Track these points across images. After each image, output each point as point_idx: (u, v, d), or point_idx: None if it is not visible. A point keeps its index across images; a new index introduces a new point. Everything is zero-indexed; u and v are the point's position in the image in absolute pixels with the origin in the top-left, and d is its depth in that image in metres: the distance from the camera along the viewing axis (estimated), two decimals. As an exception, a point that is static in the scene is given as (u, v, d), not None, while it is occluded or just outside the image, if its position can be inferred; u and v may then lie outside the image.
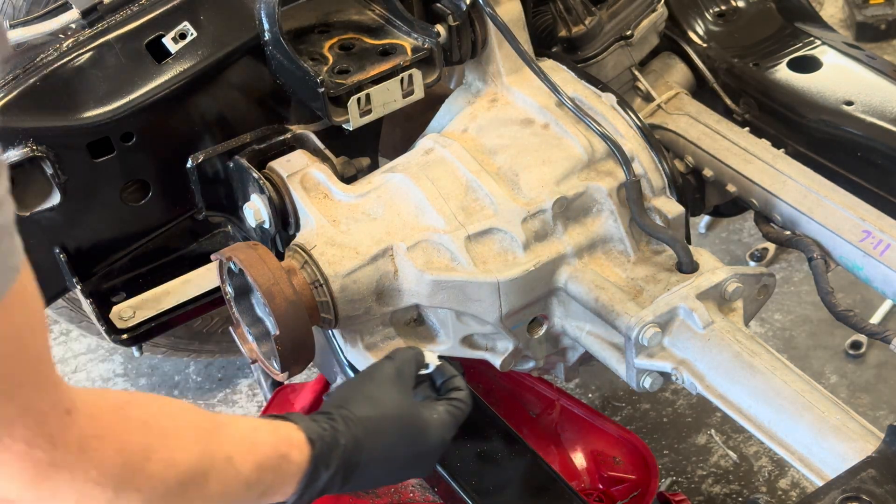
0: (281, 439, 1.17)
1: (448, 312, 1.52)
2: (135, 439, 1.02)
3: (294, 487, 1.18)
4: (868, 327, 1.55)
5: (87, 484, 0.97)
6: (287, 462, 1.16)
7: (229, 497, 1.12)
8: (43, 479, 0.94)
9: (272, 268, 1.42)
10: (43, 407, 0.93)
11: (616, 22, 1.86)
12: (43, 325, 0.94)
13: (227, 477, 1.10)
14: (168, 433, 1.06)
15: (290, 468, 1.17)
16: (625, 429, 2.04)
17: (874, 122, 1.79)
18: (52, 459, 0.94)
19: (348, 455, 1.21)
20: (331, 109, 1.59)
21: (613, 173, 1.57)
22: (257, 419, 1.20)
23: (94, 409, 0.99)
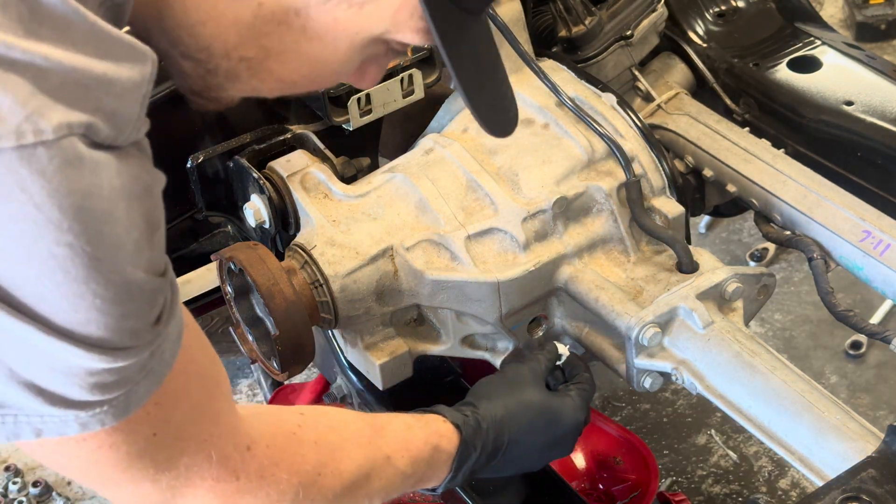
0: (432, 433, 1.30)
1: (448, 312, 1.52)
2: (307, 460, 1.14)
3: (446, 472, 1.32)
4: (868, 327, 1.55)
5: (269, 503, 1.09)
6: (438, 452, 1.30)
7: (389, 490, 1.25)
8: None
9: (272, 268, 1.42)
10: (227, 450, 1.04)
11: (616, 22, 1.86)
12: (216, 374, 1.04)
13: (387, 474, 1.24)
14: (335, 447, 1.18)
15: (441, 456, 1.30)
16: (625, 429, 2.04)
17: (874, 122, 1.79)
18: (236, 489, 1.06)
19: (492, 437, 1.34)
20: (331, 109, 1.59)
21: (613, 173, 1.57)
22: (409, 416, 1.32)
23: (270, 439, 1.11)
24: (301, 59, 1.00)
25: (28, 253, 0.78)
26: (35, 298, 0.80)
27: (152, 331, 0.88)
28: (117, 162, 0.82)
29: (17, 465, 2.44)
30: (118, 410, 0.89)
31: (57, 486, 2.41)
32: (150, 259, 0.86)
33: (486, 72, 1.07)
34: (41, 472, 2.45)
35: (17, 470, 2.42)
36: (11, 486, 2.38)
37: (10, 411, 0.86)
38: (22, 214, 0.77)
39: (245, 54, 0.98)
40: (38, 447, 0.95)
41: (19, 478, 2.40)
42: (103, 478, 0.99)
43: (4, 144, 0.76)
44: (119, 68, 0.81)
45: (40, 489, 2.37)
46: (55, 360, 0.83)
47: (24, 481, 2.40)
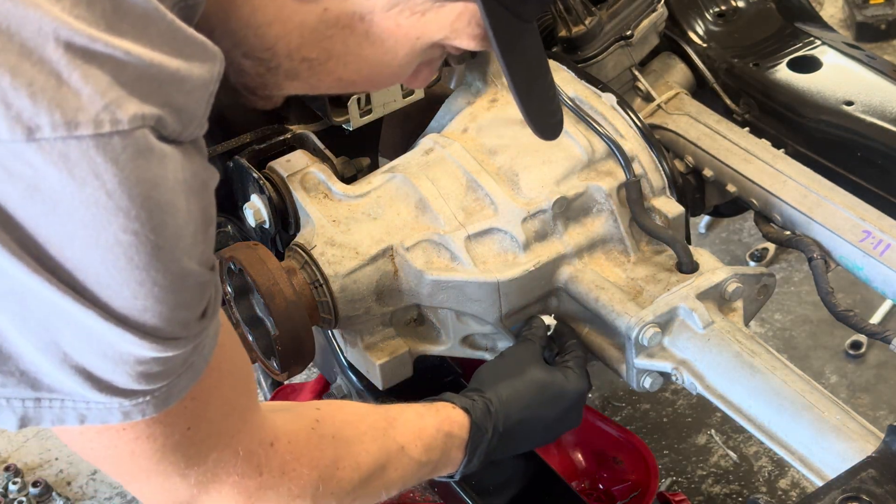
0: (443, 420, 1.34)
1: (448, 312, 1.52)
2: (326, 454, 1.18)
3: (461, 456, 1.36)
4: (868, 327, 1.55)
5: (290, 498, 1.13)
6: (451, 437, 1.34)
7: (405, 479, 1.29)
8: (254, 500, 1.09)
9: (272, 268, 1.43)
10: (252, 446, 1.08)
11: (616, 22, 1.86)
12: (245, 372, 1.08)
13: (402, 463, 1.28)
14: (352, 441, 1.22)
15: (454, 442, 1.34)
16: (625, 429, 2.04)
17: (874, 122, 1.79)
18: (259, 484, 1.09)
19: (502, 419, 1.38)
20: (331, 109, 1.59)
21: (613, 173, 1.57)
22: (420, 406, 1.35)
23: (291, 434, 1.15)
24: (362, 61, 1.04)
25: (96, 238, 0.81)
26: (98, 284, 0.83)
27: (199, 324, 0.91)
28: (181, 156, 0.85)
29: (17, 465, 2.44)
30: (159, 402, 0.92)
31: (57, 486, 2.41)
32: (204, 253, 0.90)
33: (536, 77, 1.13)
34: (41, 472, 2.45)
35: (17, 470, 2.42)
36: (11, 486, 2.38)
37: (58, 396, 0.89)
38: (93, 200, 0.80)
39: (308, 55, 1.02)
40: (78, 435, 0.99)
41: (19, 478, 2.40)
42: (136, 470, 1.02)
43: (83, 132, 0.79)
44: (191, 66, 0.85)
45: (40, 489, 2.37)
46: (108, 347, 0.86)
47: (24, 481, 2.40)
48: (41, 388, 0.88)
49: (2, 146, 0.78)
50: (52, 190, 0.79)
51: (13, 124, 0.77)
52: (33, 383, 0.88)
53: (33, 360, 0.87)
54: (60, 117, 0.78)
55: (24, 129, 0.78)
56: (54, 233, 0.81)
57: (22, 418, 0.90)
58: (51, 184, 0.79)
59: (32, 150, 0.78)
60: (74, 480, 2.43)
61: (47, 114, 0.78)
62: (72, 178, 0.79)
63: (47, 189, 0.79)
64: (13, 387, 0.88)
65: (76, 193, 0.80)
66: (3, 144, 0.78)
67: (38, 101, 0.77)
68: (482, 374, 1.46)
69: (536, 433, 1.44)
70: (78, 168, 0.79)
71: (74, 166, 0.79)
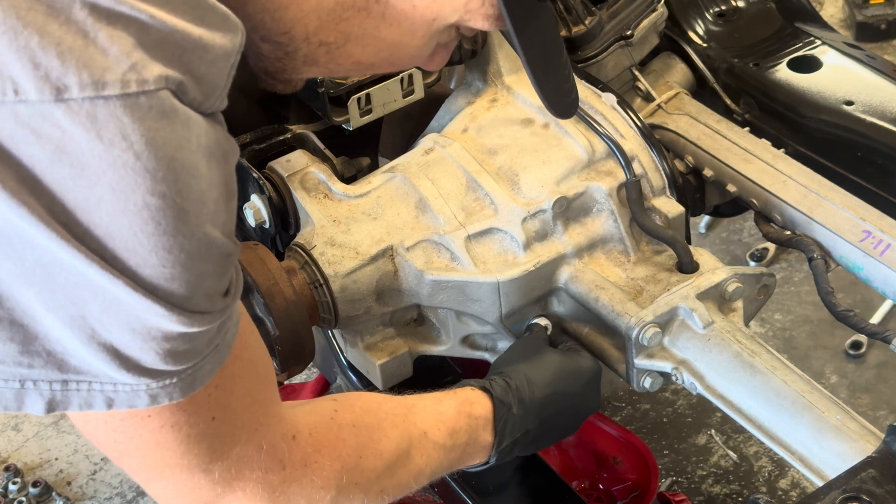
0: (462, 401, 1.33)
1: (448, 312, 1.52)
2: (348, 444, 1.17)
3: (490, 438, 1.34)
4: (868, 327, 1.55)
5: (313, 490, 1.12)
6: (474, 418, 1.32)
7: (434, 466, 1.27)
8: (278, 494, 1.09)
9: (272, 268, 1.43)
10: (275, 440, 1.07)
11: (616, 22, 1.86)
12: (267, 365, 1.07)
13: (427, 449, 1.26)
14: (372, 428, 1.21)
15: (478, 423, 1.32)
16: (625, 429, 2.04)
17: (874, 122, 1.79)
18: (283, 478, 1.08)
19: (526, 394, 1.37)
20: (331, 109, 1.59)
21: (613, 173, 1.57)
22: (437, 392, 1.34)
23: (312, 427, 1.14)
24: (379, 43, 1.04)
25: (125, 202, 0.81)
26: (126, 251, 0.82)
27: (223, 301, 0.91)
28: (204, 122, 0.85)
29: (17, 465, 2.44)
30: (186, 385, 0.91)
31: (57, 487, 2.41)
32: (226, 223, 0.89)
33: (551, 56, 1.14)
34: (41, 472, 2.45)
35: (17, 470, 2.42)
36: (11, 486, 2.38)
37: (85, 378, 0.88)
38: (122, 162, 0.79)
39: (325, 39, 1.02)
40: (103, 424, 0.98)
41: (19, 478, 2.40)
42: (161, 464, 1.01)
43: (110, 92, 0.78)
44: (213, 35, 0.84)
45: (40, 489, 2.37)
46: (136, 321, 0.85)
47: (24, 481, 2.40)
48: (68, 369, 0.87)
49: (30, 107, 0.78)
50: (81, 152, 0.79)
51: (42, 84, 0.77)
52: (60, 364, 0.87)
53: (60, 339, 0.86)
54: (88, 77, 0.78)
55: (53, 88, 0.77)
56: (82, 198, 0.80)
57: (49, 402, 0.89)
58: (79, 146, 0.79)
59: (61, 110, 0.78)
60: (74, 480, 2.43)
61: (75, 73, 0.77)
62: (100, 140, 0.79)
63: (75, 151, 0.79)
64: (40, 368, 0.87)
65: (104, 155, 0.79)
66: (30, 105, 0.78)
67: (67, 61, 0.77)
68: (497, 362, 1.46)
69: (564, 413, 1.43)
70: (105, 129, 0.78)
71: (102, 127, 0.78)
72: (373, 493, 1.20)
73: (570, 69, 1.19)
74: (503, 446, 1.35)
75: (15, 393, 0.89)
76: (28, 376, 0.88)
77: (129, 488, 2.40)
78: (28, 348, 0.86)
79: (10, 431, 2.54)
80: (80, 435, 2.50)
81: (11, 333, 0.86)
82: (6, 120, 0.78)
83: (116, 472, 2.43)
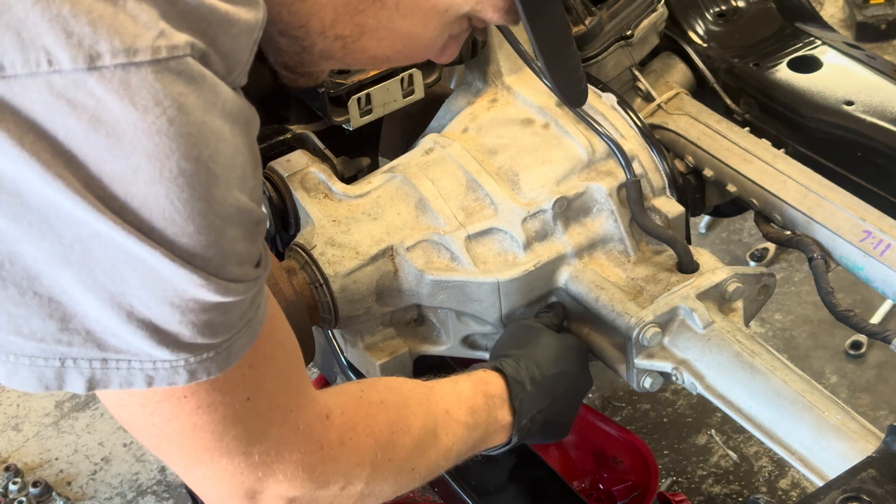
0: (477, 381, 1.35)
1: (448, 312, 1.52)
2: (379, 420, 1.18)
3: (509, 417, 1.35)
4: (868, 327, 1.55)
5: (350, 467, 1.13)
6: (489, 397, 1.34)
7: (458, 442, 1.28)
8: (317, 475, 1.09)
9: (272, 268, 1.43)
10: (310, 420, 1.09)
11: (616, 22, 1.85)
12: (296, 348, 1.08)
13: (451, 427, 1.27)
14: (399, 405, 1.22)
15: (495, 401, 1.34)
16: (625, 429, 2.04)
17: (874, 122, 1.79)
18: (321, 458, 1.10)
19: (536, 371, 1.39)
20: (331, 109, 1.59)
21: (613, 173, 1.57)
22: (452, 375, 1.36)
23: (342, 406, 1.15)
24: (394, 35, 1.05)
25: (160, 169, 0.81)
26: (164, 220, 0.82)
27: (255, 271, 0.91)
28: (229, 89, 0.85)
29: (17, 465, 2.44)
30: (222, 359, 0.92)
31: (57, 486, 2.41)
32: (255, 190, 0.90)
33: (562, 45, 1.15)
34: (41, 472, 2.45)
35: (17, 470, 2.42)
36: (11, 486, 2.38)
37: (125, 356, 0.88)
38: (156, 128, 0.79)
39: (341, 32, 1.02)
40: (139, 408, 0.98)
41: (19, 478, 2.40)
42: (199, 448, 1.01)
43: (142, 58, 0.79)
44: (238, 10, 0.85)
45: (40, 489, 2.37)
46: (174, 293, 0.85)
47: (24, 481, 2.40)
48: (107, 348, 0.88)
49: (63, 77, 0.78)
50: (116, 121, 0.79)
51: (75, 53, 0.77)
52: (100, 343, 0.87)
53: (99, 318, 0.86)
54: (120, 44, 0.78)
55: (86, 56, 0.77)
56: (119, 168, 0.80)
57: (90, 380, 0.89)
58: (114, 114, 0.79)
59: (94, 79, 0.78)
60: (74, 480, 2.43)
61: (107, 41, 0.78)
62: (133, 107, 0.79)
63: (110, 120, 0.79)
64: (79, 346, 0.87)
65: (139, 123, 0.79)
66: (64, 75, 0.78)
67: (98, 28, 0.77)
68: (498, 345, 1.47)
69: (569, 392, 1.44)
70: (139, 96, 0.79)
71: (135, 94, 0.79)
72: (405, 470, 1.22)
73: (580, 59, 1.20)
74: (523, 423, 1.37)
75: (56, 371, 0.89)
76: (68, 354, 0.88)
77: (129, 488, 2.40)
78: (67, 326, 0.86)
79: (10, 431, 2.54)
80: (80, 435, 2.50)
81: (50, 310, 0.86)
82: (41, 92, 0.78)
83: (116, 472, 2.43)
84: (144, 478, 2.42)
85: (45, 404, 2.59)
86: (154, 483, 2.40)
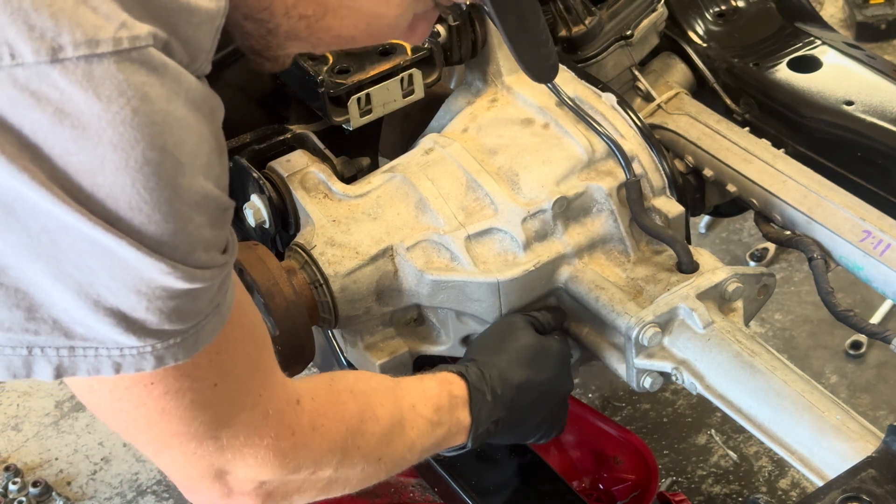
0: (441, 381, 1.36)
1: (448, 312, 1.52)
2: (349, 407, 1.19)
3: (468, 417, 1.36)
4: (868, 327, 1.55)
5: (321, 453, 1.15)
6: (454, 397, 1.35)
7: (423, 439, 1.30)
8: (289, 459, 1.10)
9: (272, 268, 1.43)
10: (280, 405, 1.09)
11: (616, 22, 1.86)
12: (264, 334, 1.09)
13: (417, 422, 1.29)
14: (368, 394, 1.24)
15: (457, 402, 1.35)
16: (625, 429, 2.04)
17: (874, 122, 1.79)
18: (293, 443, 1.10)
19: (498, 382, 1.39)
20: (331, 109, 1.59)
21: (613, 173, 1.57)
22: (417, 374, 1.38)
23: (313, 392, 1.16)
24: (357, 14, 1.04)
25: (126, 159, 0.81)
26: (130, 210, 0.83)
27: (222, 257, 0.92)
28: (192, 77, 0.86)
29: (17, 465, 2.44)
30: (189, 344, 0.92)
31: (57, 486, 2.41)
32: (220, 177, 0.90)
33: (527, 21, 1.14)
34: (41, 472, 2.45)
35: (17, 470, 2.42)
36: (11, 486, 2.38)
37: (92, 344, 0.89)
38: (120, 119, 0.80)
39: (304, 12, 1.02)
40: (108, 394, 0.98)
41: (19, 478, 2.40)
42: (168, 433, 1.02)
43: (104, 49, 0.79)
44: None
45: (40, 489, 2.37)
46: (141, 281, 0.86)
47: (24, 481, 2.40)
48: (75, 336, 0.88)
49: (27, 70, 0.78)
50: (80, 112, 0.79)
51: (38, 45, 0.78)
52: (67, 331, 0.88)
53: (66, 308, 0.87)
54: (82, 35, 0.78)
55: (48, 49, 0.78)
56: (85, 159, 0.81)
57: (57, 368, 0.90)
58: (78, 106, 0.79)
59: (57, 71, 0.78)
60: (74, 480, 2.43)
61: (69, 33, 0.78)
62: (97, 98, 0.79)
63: (75, 112, 0.79)
64: (46, 335, 0.88)
65: (103, 114, 0.80)
66: (27, 68, 0.78)
67: (60, 21, 0.78)
68: (472, 346, 1.48)
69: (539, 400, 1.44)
70: (102, 87, 0.79)
71: (99, 85, 0.79)
72: (372, 459, 1.22)
73: (549, 34, 1.19)
74: (479, 431, 1.37)
75: (23, 360, 0.90)
76: (35, 343, 0.89)
77: (129, 488, 2.40)
78: (34, 315, 0.87)
79: (10, 431, 2.54)
80: (80, 435, 2.50)
81: (17, 300, 0.86)
82: (4, 85, 0.79)
83: (116, 472, 2.43)
84: (144, 478, 2.42)
85: (45, 404, 2.59)
86: (154, 483, 2.40)
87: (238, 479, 1.08)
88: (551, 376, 1.45)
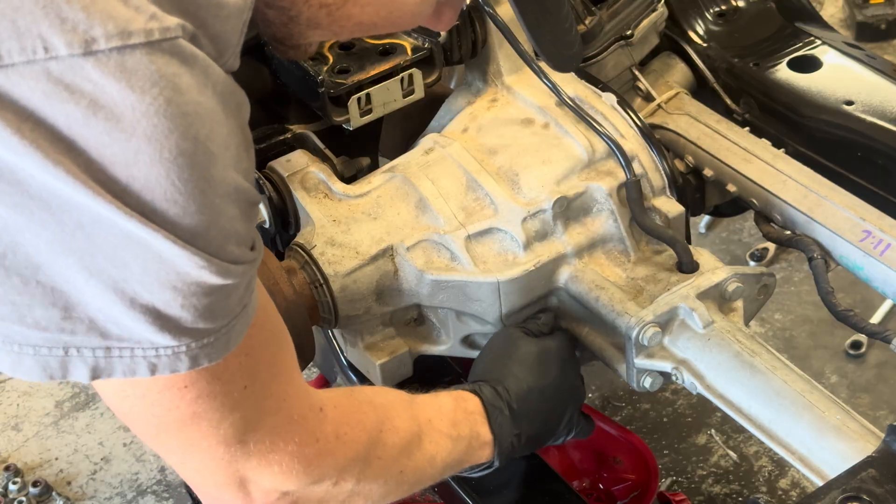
0: (457, 398, 1.35)
1: (448, 312, 1.52)
2: (369, 417, 1.19)
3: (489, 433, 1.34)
4: (868, 327, 1.55)
5: (345, 462, 1.14)
6: (469, 413, 1.34)
7: (442, 453, 1.28)
8: (313, 467, 1.10)
9: (272, 268, 1.43)
10: (304, 411, 1.09)
11: (616, 22, 1.85)
12: (287, 339, 1.08)
13: (435, 436, 1.27)
14: (386, 406, 1.23)
15: (475, 417, 1.34)
16: (625, 429, 2.04)
17: (874, 122, 1.79)
18: (317, 451, 1.10)
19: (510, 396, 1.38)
20: (331, 109, 1.59)
21: (614, 173, 1.57)
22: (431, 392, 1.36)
23: (335, 400, 1.16)
24: (378, 2, 1.04)
25: (160, 149, 0.81)
26: (165, 201, 0.83)
27: (251, 254, 0.92)
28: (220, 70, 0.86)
29: (17, 465, 2.44)
30: (221, 344, 0.92)
31: (57, 486, 2.41)
32: (248, 171, 0.90)
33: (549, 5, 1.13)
34: (41, 472, 2.45)
35: (17, 470, 2.42)
36: (11, 486, 2.38)
37: (127, 344, 0.89)
38: (154, 109, 0.80)
39: (325, 0, 1.02)
40: (140, 399, 0.98)
41: (19, 478, 2.40)
42: (198, 436, 1.01)
43: (136, 41, 0.79)
44: None
45: (40, 489, 2.37)
46: (176, 276, 0.85)
47: (24, 481, 2.40)
48: (110, 336, 0.88)
49: (60, 63, 0.78)
50: (114, 104, 0.79)
51: (70, 38, 0.78)
52: (103, 331, 0.88)
53: (101, 306, 0.86)
54: (114, 28, 0.79)
55: (81, 42, 0.78)
56: (120, 151, 0.81)
57: (93, 369, 0.89)
58: (112, 97, 0.79)
59: (90, 63, 0.79)
60: (74, 480, 2.43)
61: (101, 25, 0.78)
62: (131, 90, 0.79)
63: (109, 103, 0.79)
64: (83, 335, 0.88)
65: (137, 104, 0.80)
66: (61, 61, 0.78)
67: (92, 13, 0.78)
68: (476, 369, 1.47)
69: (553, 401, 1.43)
70: (136, 77, 0.79)
71: (132, 76, 0.79)
72: (393, 471, 1.22)
73: (573, 22, 1.17)
74: (504, 447, 1.37)
75: (59, 361, 0.89)
76: (71, 343, 0.88)
77: (129, 488, 2.40)
78: (70, 314, 0.87)
79: (10, 431, 2.54)
80: (80, 434, 2.50)
81: (53, 299, 0.86)
82: (38, 80, 0.79)
83: (116, 472, 2.43)
84: (144, 477, 2.42)
85: (45, 404, 2.59)
86: (154, 483, 2.41)
87: (261, 488, 1.08)
88: (559, 377, 1.45)
